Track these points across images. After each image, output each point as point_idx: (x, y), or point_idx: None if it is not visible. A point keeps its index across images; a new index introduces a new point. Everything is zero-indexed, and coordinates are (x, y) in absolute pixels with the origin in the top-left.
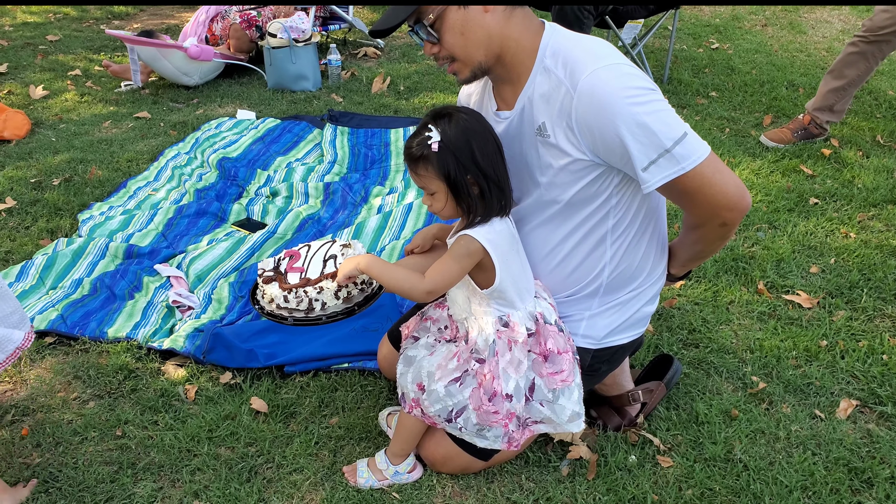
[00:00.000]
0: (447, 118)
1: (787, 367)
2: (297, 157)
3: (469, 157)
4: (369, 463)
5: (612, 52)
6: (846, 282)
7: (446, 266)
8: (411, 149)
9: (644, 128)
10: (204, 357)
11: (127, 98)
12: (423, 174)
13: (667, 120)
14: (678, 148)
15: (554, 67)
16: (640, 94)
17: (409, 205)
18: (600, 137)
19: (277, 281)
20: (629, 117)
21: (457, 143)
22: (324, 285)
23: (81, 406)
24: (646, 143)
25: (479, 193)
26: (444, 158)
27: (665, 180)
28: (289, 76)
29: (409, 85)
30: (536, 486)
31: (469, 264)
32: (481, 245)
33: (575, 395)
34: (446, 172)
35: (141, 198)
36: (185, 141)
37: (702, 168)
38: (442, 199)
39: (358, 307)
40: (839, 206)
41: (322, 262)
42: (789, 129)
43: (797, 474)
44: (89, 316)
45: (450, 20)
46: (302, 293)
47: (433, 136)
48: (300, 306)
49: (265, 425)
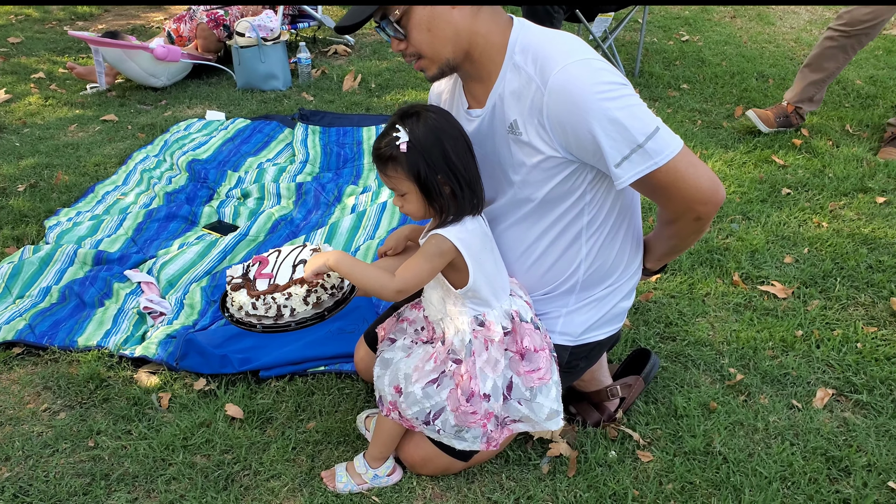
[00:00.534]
0: (415, 117)
1: (763, 358)
2: (268, 158)
3: (440, 156)
4: (348, 467)
5: (583, 48)
6: (819, 271)
7: (417, 265)
8: (380, 149)
9: (616, 123)
10: (177, 364)
11: (93, 101)
12: (393, 175)
13: (639, 115)
14: (650, 143)
15: (524, 64)
16: (611, 89)
17: (384, 204)
18: (572, 134)
19: (246, 288)
20: (601, 113)
21: (426, 142)
22: (292, 291)
23: (52, 417)
24: (618, 139)
25: (450, 193)
26: (414, 159)
27: (638, 176)
28: (258, 75)
29: (380, 82)
30: (517, 485)
31: (440, 264)
32: (453, 244)
33: (553, 393)
34: (416, 173)
35: (109, 202)
36: (154, 143)
37: (675, 162)
38: (413, 201)
39: (328, 312)
40: (811, 196)
41: (291, 267)
42: (772, 113)
43: (776, 465)
44: (58, 325)
45: (416, 17)
46: (270, 300)
47: (401, 137)
48: (269, 313)
49: (241, 432)
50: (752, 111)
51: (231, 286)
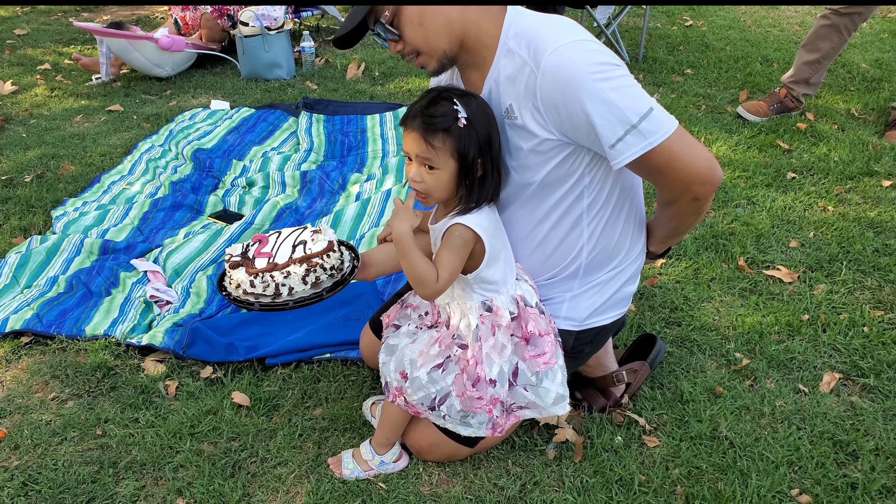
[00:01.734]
0: (468, 97)
1: (769, 343)
2: (272, 147)
3: (487, 140)
4: (354, 454)
5: (576, 30)
6: (825, 255)
7: (449, 261)
8: (434, 118)
9: (609, 104)
10: (184, 352)
11: (98, 91)
12: (439, 147)
13: (632, 95)
14: (645, 123)
15: (518, 48)
16: (604, 69)
17: (388, 192)
18: (566, 115)
19: (244, 266)
20: (594, 93)
21: (479, 123)
22: (291, 270)
23: (60, 406)
24: (612, 120)
25: (481, 177)
26: (469, 137)
27: (633, 156)
28: (262, 65)
29: (383, 70)
30: (523, 471)
31: (466, 254)
32: (475, 233)
33: (558, 378)
34: (465, 152)
35: (115, 192)
36: (159, 133)
37: (670, 143)
38: (443, 178)
39: (326, 293)
40: (816, 180)
41: (291, 247)
42: (766, 103)
43: (783, 450)
44: (66, 314)
45: (407, 14)
46: (269, 278)
47: (461, 112)
48: (267, 291)
49: (248, 419)
50: (740, 107)
51: (230, 264)
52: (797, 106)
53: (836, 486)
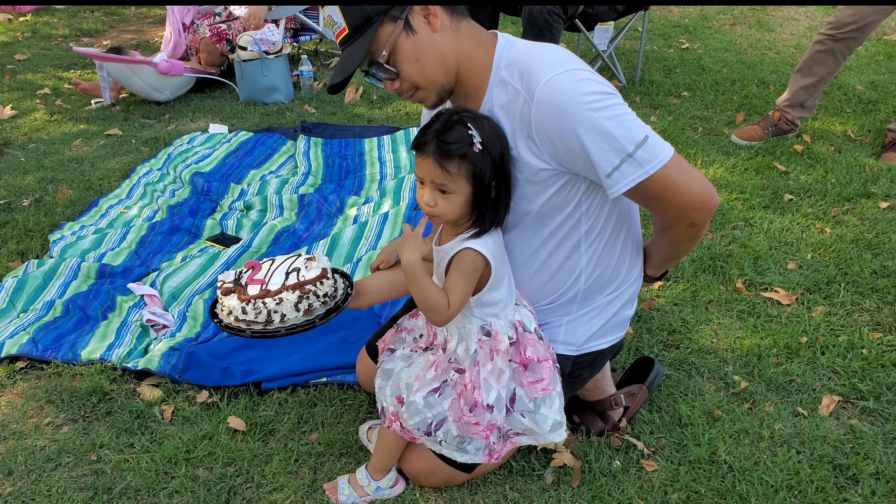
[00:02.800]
0: (481, 120)
1: (768, 366)
2: (270, 170)
3: (500, 162)
4: (350, 479)
5: (568, 58)
6: (823, 277)
7: (459, 286)
8: (449, 144)
9: (604, 133)
10: (179, 376)
11: (97, 115)
12: (454, 172)
13: (627, 124)
14: (640, 151)
15: (510, 78)
16: (598, 98)
17: (385, 214)
18: (562, 146)
19: (236, 292)
20: (588, 124)
21: (493, 147)
22: (283, 297)
23: (55, 431)
24: (607, 150)
25: (494, 199)
26: (484, 161)
27: (630, 185)
28: (260, 89)
29: (381, 94)
30: (521, 496)
31: (476, 279)
32: (485, 258)
33: (556, 404)
34: (481, 176)
35: (113, 216)
36: (158, 157)
37: (665, 170)
38: (457, 202)
39: (319, 320)
40: (814, 202)
41: (284, 274)
42: (760, 127)
43: (782, 474)
44: (62, 338)
45: (402, 51)
46: (260, 304)
47: (476, 136)
48: (258, 318)
49: (243, 444)
50: (734, 135)
51: (222, 290)
52: (792, 129)
53: None
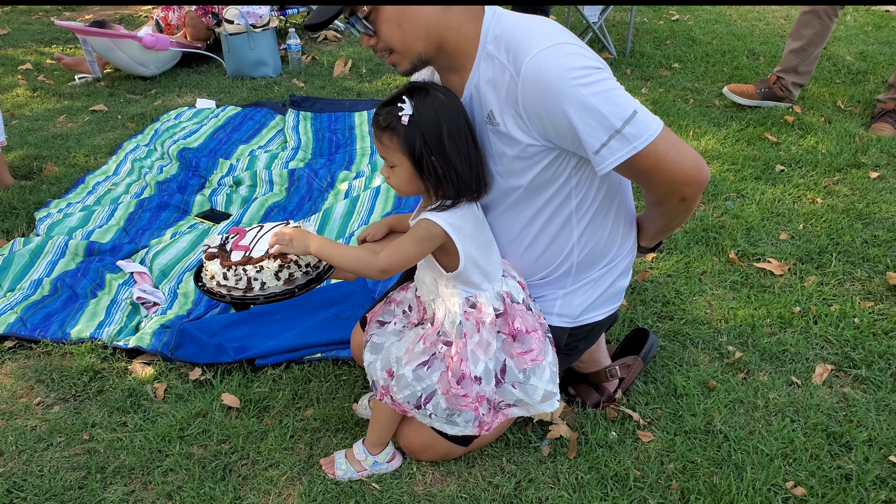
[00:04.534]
0: (423, 93)
1: (761, 336)
2: (259, 145)
3: (436, 138)
4: (347, 454)
5: (555, 32)
6: (815, 247)
7: (404, 247)
8: (379, 117)
9: (591, 110)
10: (172, 354)
11: (81, 91)
12: (388, 144)
13: (615, 99)
14: (628, 127)
15: (497, 52)
16: (584, 74)
17: (377, 189)
18: (549, 122)
19: (220, 258)
20: (575, 100)
21: (427, 120)
22: (264, 265)
23: (45, 411)
24: (595, 126)
25: (442, 174)
26: (411, 134)
27: (618, 161)
28: (248, 63)
29: (370, 67)
30: (518, 468)
31: (429, 248)
32: (442, 229)
33: (546, 374)
34: (411, 148)
35: (100, 193)
36: (144, 133)
37: (655, 146)
38: (402, 175)
39: (298, 290)
40: (805, 172)
41: (269, 242)
42: (754, 86)
43: (777, 442)
44: (51, 317)
45: (385, 12)
46: (241, 271)
47: (405, 109)
48: (239, 285)
49: (238, 421)
50: (727, 88)
51: (206, 255)
52: (787, 96)
53: (831, 478)
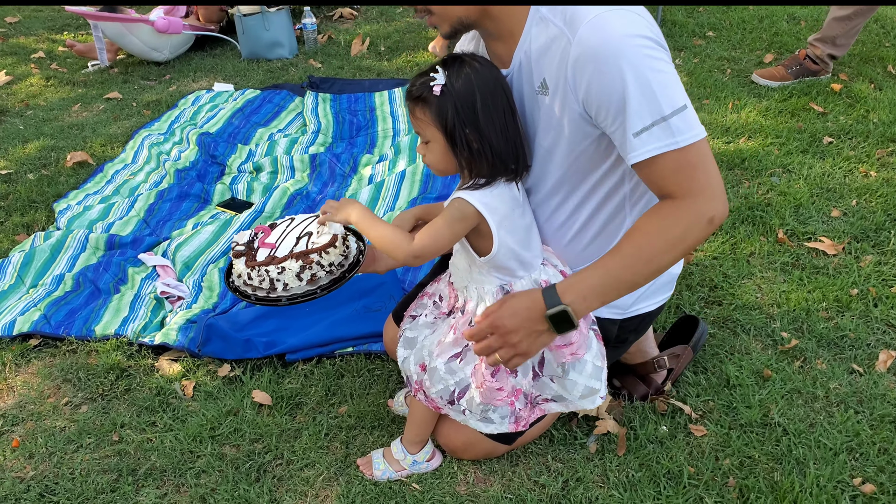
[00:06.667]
0: (458, 63)
1: (817, 320)
2: (278, 128)
3: (470, 109)
4: (385, 453)
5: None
6: (871, 224)
7: (436, 229)
8: (412, 88)
9: (646, 85)
10: (199, 350)
11: (95, 79)
12: (421, 118)
13: (671, 83)
14: (676, 119)
15: (552, 16)
16: (650, 45)
17: (402, 173)
18: (597, 86)
19: (246, 256)
20: (637, 67)
21: (461, 91)
22: (286, 265)
23: (74, 411)
24: (643, 104)
25: (477, 150)
26: (444, 105)
27: (656, 151)
28: (263, 44)
29: (389, 45)
30: (564, 466)
31: (462, 229)
32: (476, 209)
33: (588, 369)
34: (444, 120)
35: (119, 182)
36: (162, 119)
37: (698, 147)
38: (436, 151)
39: (321, 290)
40: (855, 144)
41: (295, 239)
42: (783, 66)
43: (841, 435)
44: (74, 314)
45: None
46: (264, 272)
47: (437, 79)
48: (262, 285)
49: (270, 419)
50: (755, 74)
51: (234, 252)
52: (822, 69)
53: None
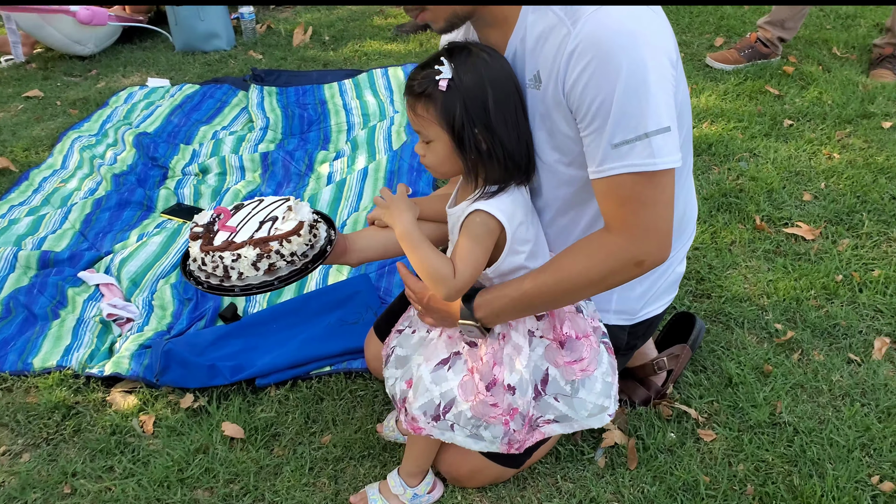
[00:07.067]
0: (465, 54)
1: (808, 309)
2: (223, 125)
3: (481, 107)
4: (381, 488)
5: None
6: (843, 207)
7: (468, 252)
8: (413, 82)
9: (639, 93)
10: (157, 379)
11: (10, 75)
12: (423, 115)
13: (663, 99)
14: (658, 139)
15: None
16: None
17: (364, 170)
18: (587, 78)
19: (203, 239)
20: (638, 69)
21: (470, 86)
22: (242, 252)
23: (13, 461)
24: (630, 114)
25: (486, 152)
26: (451, 102)
27: (629, 169)
28: (198, 35)
29: (333, 34)
30: (576, 486)
31: (491, 243)
32: (498, 221)
33: (598, 387)
34: (450, 119)
35: (48, 191)
36: (92, 119)
37: (668, 176)
38: (439, 152)
39: (279, 282)
40: (815, 126)
41: (258, 223)
42: (736, 49)
43: (852, 431)
44: (6, 345)
45: None
46: (217, 258)
47: (443, 73)
48: (216, 272)
49: (244, 454)
50: (709, 57)
51: (191, 234)
52: (772, 52)
53: None
